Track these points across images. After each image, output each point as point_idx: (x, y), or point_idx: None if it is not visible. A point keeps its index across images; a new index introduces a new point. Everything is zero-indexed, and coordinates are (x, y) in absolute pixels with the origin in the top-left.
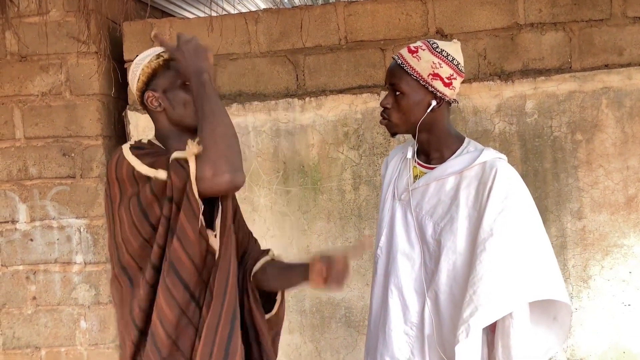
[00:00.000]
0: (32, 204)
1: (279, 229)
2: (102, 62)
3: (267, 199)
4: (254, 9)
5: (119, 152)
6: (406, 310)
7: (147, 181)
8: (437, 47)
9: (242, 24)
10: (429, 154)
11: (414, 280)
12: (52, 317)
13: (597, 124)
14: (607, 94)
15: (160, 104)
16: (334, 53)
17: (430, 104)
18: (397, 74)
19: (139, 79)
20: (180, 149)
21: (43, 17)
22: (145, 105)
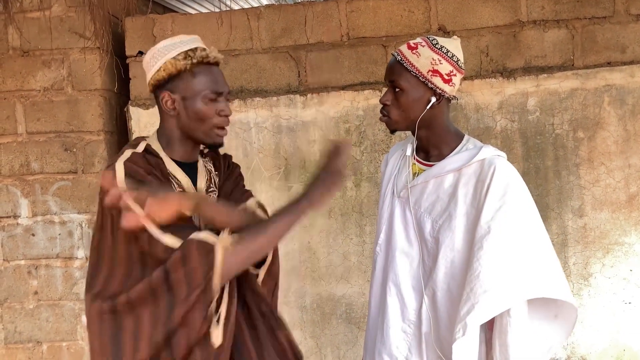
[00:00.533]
0: (34, 199)
1: None
2: (104, 57)
3: (268, 195)
4: (256, 5)
5: (112, 172)
6: (404, 307)
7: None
8: (436, 43)
9: (244, 19)
10: (428, 151)
11: (412, 277)
12: (54, 311)
13: (599, 121)
14: (609, 92)
15: (175, 108)
16: (335, 49)
17: (430, 101)
18: (396, 70)
19: (158, 70)
20: (182, 154)
21: (45, 12)
22: (156, 96)
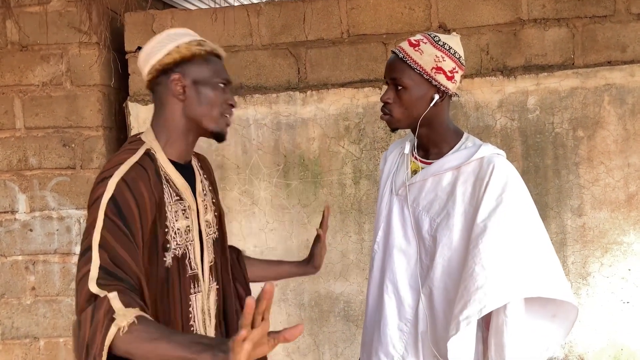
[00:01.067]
0: (31, 194)
1: (278, 222)
2: (103, 52)
3: (267, 192)
4: (256, 1)
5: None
6: (401, 306)
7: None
8: (439, 40)
9: (243, 16)
10: (428, 149)
11: (409, 276)
12: (51, 307)
13: (599, 120)
14: (609, 91)
15: (184, 92)
16: (336, 46)
17: (433, 98)
18: (399, 67)
19: (169, 53)
20: (180, 152)
21: (44, 6)
22: (155, 83)
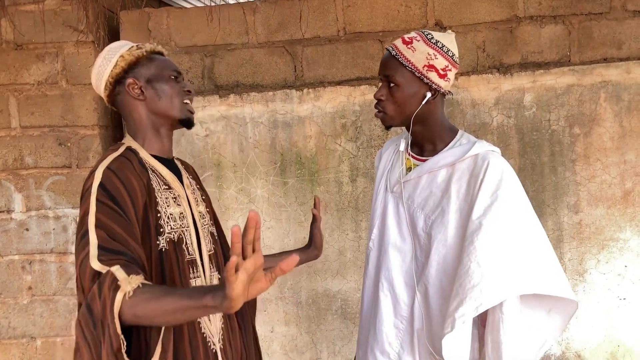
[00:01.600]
0: (27, 193)
1: (275, 220)
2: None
3: (264, 190)
4: None
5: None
6: (396, 303)
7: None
8: (432, 38)
9: (240, 14)
10: (423, 146)
11: (404, 273)
12: (48, 307)
13: (595, 117)
14: (605, 88)
15: (142, 92)
16: (332, 44)
17: (425, 96)
18: (391, 65)
19: (116, 64)
20: (157, 145)
21: (39, 5)
22: (114, 95)
